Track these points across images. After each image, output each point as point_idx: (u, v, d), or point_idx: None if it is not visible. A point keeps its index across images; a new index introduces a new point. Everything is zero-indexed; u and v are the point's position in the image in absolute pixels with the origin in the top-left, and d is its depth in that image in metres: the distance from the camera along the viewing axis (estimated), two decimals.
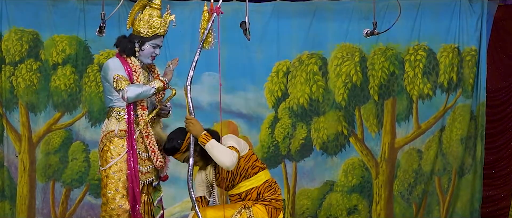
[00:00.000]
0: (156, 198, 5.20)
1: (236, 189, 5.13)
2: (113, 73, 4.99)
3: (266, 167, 5.23)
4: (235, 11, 7.42)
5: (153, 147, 5.08)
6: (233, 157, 4.88)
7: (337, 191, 7.77)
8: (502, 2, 7.76)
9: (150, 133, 5.09)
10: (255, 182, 5.11)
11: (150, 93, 5.06)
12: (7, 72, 7.53)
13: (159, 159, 5.13)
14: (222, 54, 7.63)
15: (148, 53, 5.14)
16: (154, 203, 5.18)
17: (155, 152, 5.09)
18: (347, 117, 7.74)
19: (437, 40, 7.71)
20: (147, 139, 5.07)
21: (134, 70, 5.06)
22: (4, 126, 7.54)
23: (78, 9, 7.48)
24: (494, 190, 7.83)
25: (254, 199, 5.06)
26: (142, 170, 5.09)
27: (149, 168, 5.14)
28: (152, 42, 5.12)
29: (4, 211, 7.58)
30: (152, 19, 5.16)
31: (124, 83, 4.96)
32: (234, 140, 5.13)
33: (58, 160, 7.58)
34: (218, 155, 4.88)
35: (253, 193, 5.09)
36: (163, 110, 5.27)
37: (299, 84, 7.69)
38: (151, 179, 5.16)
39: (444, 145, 7.75)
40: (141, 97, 5.04)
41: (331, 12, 7.68)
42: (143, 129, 5.06)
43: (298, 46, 7.70)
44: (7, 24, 7.50)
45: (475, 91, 7.74)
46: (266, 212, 5.03)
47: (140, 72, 5.10)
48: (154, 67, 5.33)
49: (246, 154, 5.11)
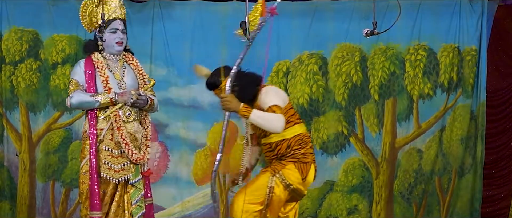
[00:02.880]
0: (134, 198, 5.10)
1: (268, 138, 5.17)
2: (71, 77, 5.12)
3: (302, 121, 5.27)
4: (235, 11, 7.43)
5: (125, 139, 5.02)
6: (280, 121, 4.93)
7: (337, 191, 7.76)
8: (502, 2, 7.76)
9: (122, 126, 5.04)
10: (287, 134, 5.12)
11: (95, 106, 5.04)
12: (7, 72, 7.53)
13: (133, 152, 5.05)
14: (222, 54, 7.67)
15: (111, 41, 5.13)
16: (131, 202, 5.10)
17: (128, 144, 5.03)
18: (347, 116, 7.74)
19: (437, 40, 7.71)
20: (118, 132, 5.02)
21: (96, 67, 5.08)
22: (4, 126, 7.54)
23: (78, 9, 7.42)
24: (494, 190, 7.83)
25: (283, 152, 5.10)
26: (114, 168, 5.05)
27: (124, 165, 5.08)
28: (109, 29, 5.11)
29: (4, 211, 7.58)
30: (97, 9, 5.16)
31: (72, 88, 5.05)
32: (274, 93, 5.15)
33: (57, 159, 7.58)
34: (265, 123, 4.95)
35: (283, 144, 5.12)
36: (138, 101, 5.11)
37: (299, 84, 7.69)
38: (127, 177, 5.09)
39: (444, 145, 7.75)
40: (84, 107, 5.07)
41: (331, 12, 7.67)
42: (115, 121, 5.03)
43: (298, 46, 7.69)
44: (7, 23, 7.50)
45: (475, 91, 7.74)
46: (296, 169, 5.08)
47: (104, 66, 5.09)
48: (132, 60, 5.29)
49: (284, 107, 5.09)
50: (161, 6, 7.61)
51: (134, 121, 5.14)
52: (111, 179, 5.06)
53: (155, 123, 7.57)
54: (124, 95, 5.05)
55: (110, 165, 5.06)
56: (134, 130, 5.13)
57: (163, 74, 7.57)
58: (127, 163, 5.09)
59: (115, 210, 5.07)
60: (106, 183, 5.08)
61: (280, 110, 4.98)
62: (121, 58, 5.23)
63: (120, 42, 5.14)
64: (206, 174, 7.72)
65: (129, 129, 5.11)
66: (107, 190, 5.08)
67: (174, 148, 7.68)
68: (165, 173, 7.70)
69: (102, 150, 5.08)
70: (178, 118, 7.69)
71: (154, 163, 7.62)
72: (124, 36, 5.16)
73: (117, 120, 5.04)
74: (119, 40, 5.12)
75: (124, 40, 5.16)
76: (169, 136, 7.66)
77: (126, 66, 5.25)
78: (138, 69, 5.28)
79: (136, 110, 5.16)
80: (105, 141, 5.08)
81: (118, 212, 5.08)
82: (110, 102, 5.03)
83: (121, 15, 5.17)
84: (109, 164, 5.06)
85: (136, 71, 5.27)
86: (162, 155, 7.69)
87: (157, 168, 7.64)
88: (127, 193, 5.11)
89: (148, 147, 5.20)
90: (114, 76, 5.14)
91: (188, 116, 7.64)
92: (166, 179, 7.69)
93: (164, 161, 7.70)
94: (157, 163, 7.67)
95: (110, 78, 5.09)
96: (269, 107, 4.98)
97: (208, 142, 7.72)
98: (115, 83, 5.12)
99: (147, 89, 5.21)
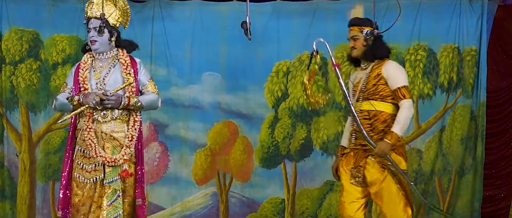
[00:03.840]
0: (109, 198, 5.05)
1: (367, 104, 5.35)
2: None
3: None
4: (235, 11, 7.43)
5: (90, 141, 5.02)
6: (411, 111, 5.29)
7: (337, 191, 7.75)
8: (502, 2, 7.76)
9: (90, 126, 5.04)
10: (388, 109, 5.32)
11: (70, 108, 5.13)
12: (7, 72, 7.53)
13: (98, 153, 5.02)
14: (222, 54, 7.68)
15: (88, 40, 5.22)
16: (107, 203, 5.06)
17: (91, 144, 5.03)
18: (347, 117, 7.73)
19: (437, 40, 7.71)
20: (87, 132, 5.04)
21: (80, 68, 5.19)
22: (5, 126, 7.54)
23: (78, 9, 7.47)
24: (494, 190, 7.82)
25: (378, 125, 5.29)
26: (86, 168, 5.06)
27: (96, 165, 5.06)
28: (87, 28, 5.21)
29: (4, 211, 7.58)
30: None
31: (60, 91, 5.26)
32: (403, 73, 5.46)
33: (58, 159, 7.58)
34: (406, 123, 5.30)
35: (381, 117, 5.31)
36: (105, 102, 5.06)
37: (299, 84, 7.69)
38: (99, 177, 5.06)
39: (444, 145, 7.75)
40: (64, 109, 5.22)
41: (331, 12, 7.67)
42: (85, 122, 5.06)
43: (298, 46, 7.69)
44: (7, 24, 7.50)
45: (475, 91, 7.73)
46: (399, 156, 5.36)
47: (86, 67, 5.18)
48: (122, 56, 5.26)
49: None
50: (161, 6, 7.61)
51: (112, 121, 5.11)
52: (82, 179, 5.06)
53: (155, 123, 7.59)
54: (87, 96, 5.03)
55: (82, 165, 5.08)
56: (111, 129, 5.10)
57: (163, 74, 7.57)
58: (99, 164, 5.06)
59: (94, 210, 5.06)
60: (81, 183, 5.09)
61: (409, 93, 5.30)
62: (112, 56, 5.22)
63: (93, 41, 5.15)
64: (206, 174, 7.72)
65: (104, 129, 5.09)
66: (84, 190, 5.08)
67: (174, 148, 7.68)
68: (165, 173, 7.69)
69: (76, 151, 5.13)
70: (178, 118, 7.69)
71: (154, 163, 7.62)
72: (96, 35, 5.12)
73: (86, 120, 5.05)
74: (91, 39, 5.16)
75: (98, 39, 5.13)
76: (169, 136, 7.66)
77: (117, 63, 5.22)
78: (124, 67, 5.19)
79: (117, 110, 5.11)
80: (79, 141, 5.11)
81: (97, 212, 5.06)
82: (78, 103, 5.06)
83: (95, 14, 5.15)
84: (81, 165, 5.08)
85: (121, 69, 5.19)
86: (162, 155, 7.68)
87: (157, 168, 7.64)
88: (106, 194, 5.06)
89: (128, 147, 5.09)
90: (94, 76, 5.15)
91: (188, 116, 7.64)
92: (166, 179, 7.68)
93: (164, 161, 7.69)
94: (157, 163, 7.67)
95: (91, 78, 5.12)
96: (402, 88, 5.27)
97: (208, 142, 7.72)
98: (94, 83, 5.13)
99: (118, 89, 5.10)
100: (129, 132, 5.12)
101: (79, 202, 5.07)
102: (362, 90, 5.42)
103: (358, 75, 5.56)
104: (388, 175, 5.32)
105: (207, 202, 7.70)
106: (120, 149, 5.07)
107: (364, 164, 5.39)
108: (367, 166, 5.38)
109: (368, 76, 5.42)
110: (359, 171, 5.39)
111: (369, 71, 5.43)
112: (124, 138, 5.10)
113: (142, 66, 5.29)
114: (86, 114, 5.04)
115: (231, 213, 7.72)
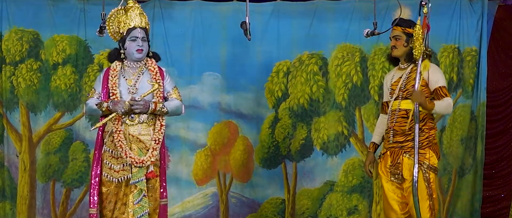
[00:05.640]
0: (136, 198, 5.34)
1: (406, 103, 5.51)
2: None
3: None
4: (235, 11, 7.43)
5: (120, 143, 5.29)
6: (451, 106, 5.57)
7: (337, 191, 7.76)
8: (503, 2, 7.76)
9: (119, 129, 5.31)
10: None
11: (99, 113, 5.42)
12: (7, 72, 7.53)
13: (128, 154, 5.29)
14: (222, 54, 7.68)
15: (132, 49, 5.39)
16: (134, 202, 5.36)
17: (122, 146, 5.29)
18: (347, 117, 7.74)
19: (437, 40, 7.69)
20: (116, 135, 5.31)
21: (109, 75, 5.40)
22: (5, 126, 7.53)
23: (78, 9, 7.48)
24: (494, 190, 7.82)
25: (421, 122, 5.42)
26: (114, 168, 5.36)
27: (123, 165, 5.37)
28: (130, 37, 5.37)
29: (4, 211, 7.57)
30: (121, 19, 5.42)
31: (89, 96, 5.49)
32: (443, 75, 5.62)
33: (58, 160, 7.58)
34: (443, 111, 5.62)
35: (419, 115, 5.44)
36: (134, 108, 5.35)
37: (299, 85, 7.69)
38: (127, 176, 5.34)
39: (445, 145, 7.74)
40: (93, 114, 5.55)
41: (332, 12, 7.67)
42: (114, 125, 5.33)
43: (299, 46, 7.69)
44: (7, 24, 7.50)
45: (476, 92, 7.73)
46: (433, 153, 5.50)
47: (116, 75, 5.40)
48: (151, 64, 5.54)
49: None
50: (161, 6, 7.61)
51: (139, 124, 5.39)
52: (111, 178, 5.36)
53: None
54: (116, 104, 5.30)
55: (110, 165, 5.38)
56: (138, 132, 5.38)
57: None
58: (127, 164, 5.36)
59: (119, 207, 5.38)
60: (108, 182, 5.39)
61: (449, 93, 5.51)
62: (142, 65, 5.48)
63: (140, 50, 5.40)
64: (206, 174, 7.72)
65: (132, 132, 5.37)
66: (110, 188, 5.38)
67: (174, 148, 7.68)
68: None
69: (105, 152, 5.41)
70: (178, 118, 7.67)
71: None
72: (144, 44, 5.40)
73: (116, 123, 5.32)
74: (138, 47, 5.38)
75: (144, 47, 5.41)
76: (169, 136, 7.64)
77: (145, 71, 5.48)
78: (153, 73, 5.48)
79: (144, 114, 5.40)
80: (107, 143, 5.40)
81: (122, 209, 5.37)
82: (107, 110, 5.35)
83: (141, 24, 5.41)
84: (109, 164, 5.38)
85: (151, 76, 5.47)
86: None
87: None
88: (132, 193, 5.35)
89: (155, 149, 5.39)
90: (127, 83, 5.41)
91: (188, 116, 7.63)
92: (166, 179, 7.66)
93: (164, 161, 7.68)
94: None
95: (122, 85, 5.38)
96: (443, 87, 5.49)
97: (208, 142, 7.72)
98: (126, 89, 5.40)
99: (146, 95, 5.37)
100: (156, 135, 5.42)
101: (106, 199, 5.39)
102: (402, 89, 5.56)
103: (396, 75, 5.71)
104: (420, 172, 5.45)
105: (207, 202, 7.70)
106: (145, 151, 5.37)
107: (402, 161, 5.54)
108: (403, 163, 5.54)
109: (408, 76, 5.55)
110: (398, 168, 5.56)
111: (409, 72, 5.57)
112: (149, 141, 5.39)
113: (167, 74, 5.61)
114: (116, 117, 5.31)
115: (231, 213, 7.72)
